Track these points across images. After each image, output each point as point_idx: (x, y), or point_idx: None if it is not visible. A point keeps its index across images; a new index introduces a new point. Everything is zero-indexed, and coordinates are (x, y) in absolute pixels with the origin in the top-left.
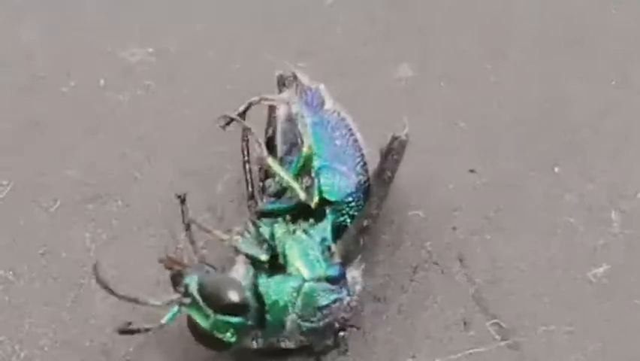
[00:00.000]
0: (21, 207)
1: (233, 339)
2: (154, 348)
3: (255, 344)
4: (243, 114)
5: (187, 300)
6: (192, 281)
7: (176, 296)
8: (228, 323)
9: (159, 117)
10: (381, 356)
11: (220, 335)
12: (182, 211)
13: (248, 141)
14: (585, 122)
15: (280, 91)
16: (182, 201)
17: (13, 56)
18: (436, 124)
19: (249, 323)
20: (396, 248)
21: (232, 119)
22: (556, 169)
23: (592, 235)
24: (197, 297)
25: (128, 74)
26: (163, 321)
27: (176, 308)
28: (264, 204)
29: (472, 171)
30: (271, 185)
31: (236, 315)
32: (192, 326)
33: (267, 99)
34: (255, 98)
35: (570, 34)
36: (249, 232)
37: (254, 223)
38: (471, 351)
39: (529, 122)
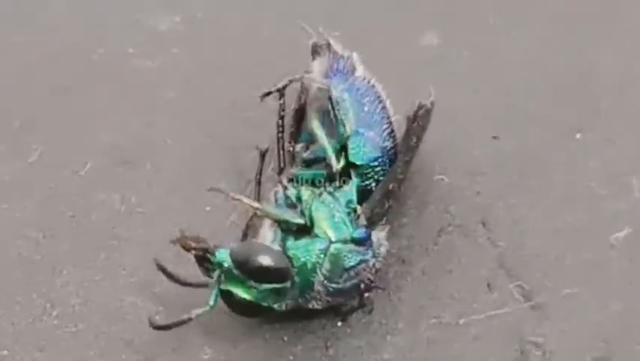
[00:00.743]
0: (51, 171)
1: (277, 305)
2: (183, 308)
3: (283, 306)
4: (282, 90)
5: (223, 277)
6: (225, 256)
7: (216, 276)
8: (273, 290)
9: (187, 84)
10: (406, 317)
11: (265, 303)
12: (259, 167)
13: (284, 117)
14: (608, 89)
15: (313, 58)
16: (263, 155)
17: (44, 25)
18: (461, 91)
19: (289, 285)
20: (420, 212)
21: (270, 93)
22: (578, 135)
23: (613, 199)
24: (236, 272)
25: (156, 42)
26: (211, 303)
27: (217, 288)
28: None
29: (495, 137)
30: (302, 152)
31: (280, 281)
32: (232, 300)
33: (307, 79)
34: (296, 77)
35: (593, 2)
36: (276, 199)
37: (284, 187)
38: (494, 312)
39: (553, 89)
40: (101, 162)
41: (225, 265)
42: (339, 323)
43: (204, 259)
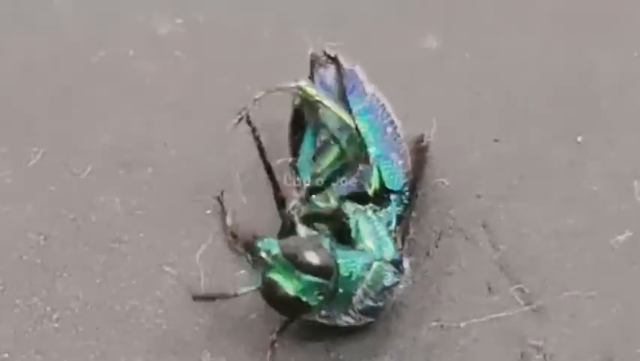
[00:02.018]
0: (52, 173)
1: (316, 302)
2: (184, 311)
3: (316, 315)
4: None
5: (271, 263)
6: (272, 245)
7: (265, 256)
8: (316, 284)
9: (188, 86)
10: (407, 320)
11: (306, 298)
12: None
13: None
14: (609, 92)
15: (312, 69)
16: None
17: (45, 26)
18: (461, 94)
19: (332, 287)
20: (421, 215)
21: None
22: (579, 138)
23: (614, 202)
24: (283, 259)
25: (157, 45)
26: (253, 287)
27: (259, 272)
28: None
29: (496, 140)
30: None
31: (324, 277)
32: (273, 291)
33: (280, 89)
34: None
35: (594, 4)
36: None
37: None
38: (495, 315)
39: (553, 92)
40: (101, 165)
41: (273, 251)
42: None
43: (254, 248)
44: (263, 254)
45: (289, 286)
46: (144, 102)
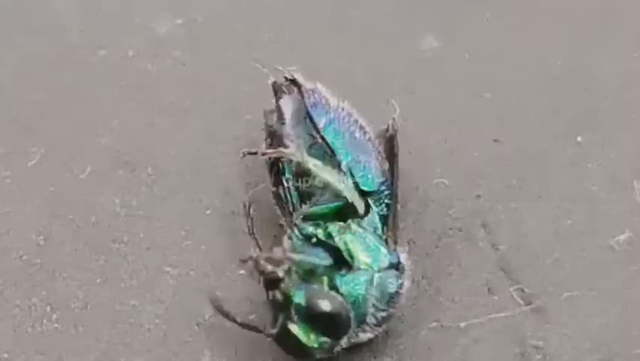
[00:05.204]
0: (52, 173)
1: (323, 354)
2: (184, 311)
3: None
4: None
5: (293, 316)
6: (300, 295)
7: (282, 317)
8: (327, 343)
9: (188, 87)
10: (407, 320)
11: (317, 353)
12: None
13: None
14: (608, 92)
15: (276, 97)
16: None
17: (45, 26)
18: (461, 94)
19: (341, 345)
20: (421, 215)
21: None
22: (579, 139)
23: (614, 203)
24: (304, 315)
25: (156, 45)
26: (272, 331)
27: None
28: (307, 208)
29: (496, 140)
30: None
31: (336, 339)
32: (287, 338)
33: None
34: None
35: (594, 5)
36: (298, 237)
37: (300, 228)
38: (495, 316)
39: (553, 92)
40: (101, 165)
41: (296, 302)
42: None
43: (275, 287)
44: (279, 296)
45: (306, 340)
46: (144, 102)
